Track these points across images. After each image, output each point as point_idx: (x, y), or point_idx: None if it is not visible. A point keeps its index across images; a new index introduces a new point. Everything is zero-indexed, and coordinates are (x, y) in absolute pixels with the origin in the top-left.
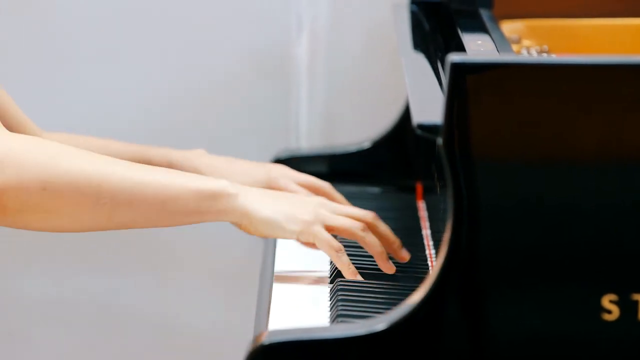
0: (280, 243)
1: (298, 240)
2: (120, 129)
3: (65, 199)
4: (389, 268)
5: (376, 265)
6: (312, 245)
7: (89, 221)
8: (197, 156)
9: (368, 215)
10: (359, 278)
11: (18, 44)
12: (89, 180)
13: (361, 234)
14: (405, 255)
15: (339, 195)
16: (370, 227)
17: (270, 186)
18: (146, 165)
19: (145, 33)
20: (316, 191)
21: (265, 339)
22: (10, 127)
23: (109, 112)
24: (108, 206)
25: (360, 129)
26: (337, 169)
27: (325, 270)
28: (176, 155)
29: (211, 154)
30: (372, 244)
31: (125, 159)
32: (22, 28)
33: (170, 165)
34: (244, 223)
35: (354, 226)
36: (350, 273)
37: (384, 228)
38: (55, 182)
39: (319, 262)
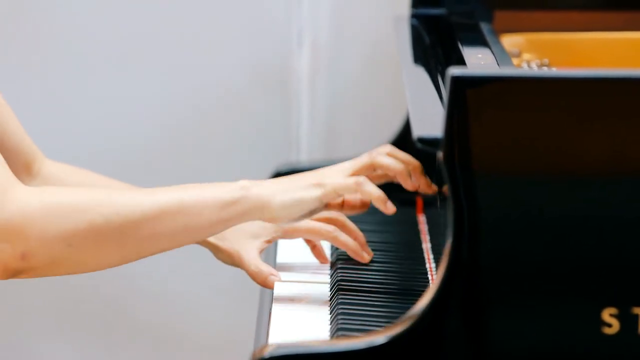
0: (280, 256)
1: (324, 204)
2: (121, 142)
3: (91, 250)
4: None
5: (376, 279)
6: (339, 206)
7: (117, 260)
8: None
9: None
10: (390, 206)
11: (31, 51)
12: (112, 226)
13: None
14: (427, 187)
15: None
16: (414, 170)
17: (286, 231)
18: (161, 189)
19: (147, 46)
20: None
21: (266, 353)
22: (11, 151)
23: (110, 124)
24: (133, 242)
25: (360, 143)
26: None
27: (326, 282)
28: None
29: None
30: (370, 192)
31: None
32: (37, 37)
33: None
34: (266, 217)
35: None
36: (381, 202)
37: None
38: (79, 237)
39: (320, 275)
